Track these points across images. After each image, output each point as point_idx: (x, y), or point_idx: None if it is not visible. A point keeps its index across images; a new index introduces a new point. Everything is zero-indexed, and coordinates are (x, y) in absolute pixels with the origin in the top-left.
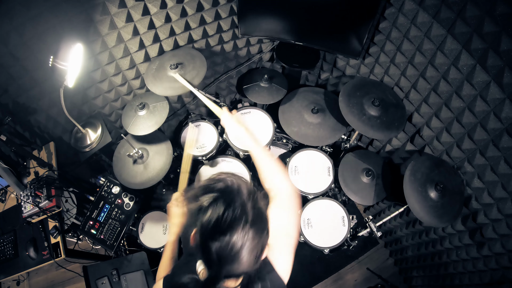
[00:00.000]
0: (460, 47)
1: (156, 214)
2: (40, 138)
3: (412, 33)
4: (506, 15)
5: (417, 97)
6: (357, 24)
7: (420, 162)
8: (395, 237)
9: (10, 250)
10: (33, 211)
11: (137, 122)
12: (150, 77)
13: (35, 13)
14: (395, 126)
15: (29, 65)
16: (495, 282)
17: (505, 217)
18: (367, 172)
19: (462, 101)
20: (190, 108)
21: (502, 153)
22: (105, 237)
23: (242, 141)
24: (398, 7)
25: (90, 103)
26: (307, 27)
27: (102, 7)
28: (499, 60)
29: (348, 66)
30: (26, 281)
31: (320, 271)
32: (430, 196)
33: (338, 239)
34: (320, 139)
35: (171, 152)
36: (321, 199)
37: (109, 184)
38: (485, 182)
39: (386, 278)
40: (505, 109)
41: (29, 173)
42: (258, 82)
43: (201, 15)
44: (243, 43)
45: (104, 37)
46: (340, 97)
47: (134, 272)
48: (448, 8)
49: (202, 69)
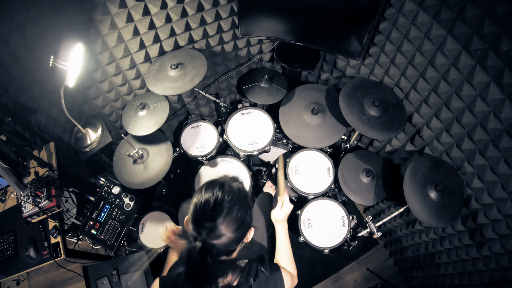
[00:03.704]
0: (460, 48)
1: (156, 214)
2: (40, 138)
3: (412, 33)
4: (506, 16)
5: (417, 97)
6: (357, 25)
7: (420, 163)
8: (395, 237)
9: (10, 250)
10: (33, 211)
11: (137, 122)
12: (150, 78)
13: (35, 13)
14: (395, 127)
15: (29, 65)
16: (495, 282)
17: (505, 217)
18: (367, 173)
19: (462, 101)
20: (190, 108)
21: (502, 153)
22: (105, 237)
23: (285, 223)
24: (398, 8)
25: (90, 103)
26: (307, 27)
27: (103, 7)
28: (499, 61)
29: (348, 67)
30: (26, 281)
31: (320, 271)
32: (430, 197)
33: (338, 239)
34: (320, 141)
35: (171, 152)
36: (321, 199)
37: (109, 184)
38: (485, 183)
39: (386, 278)
40: (505, 110)
41: (29, 173)
42: (258, 83)
43: (201, 16)
44: (244, 44)
45: (104, 37)
46: (340, 97)
47: (134, 272)
48: (448, 9)
49: (203, 69)
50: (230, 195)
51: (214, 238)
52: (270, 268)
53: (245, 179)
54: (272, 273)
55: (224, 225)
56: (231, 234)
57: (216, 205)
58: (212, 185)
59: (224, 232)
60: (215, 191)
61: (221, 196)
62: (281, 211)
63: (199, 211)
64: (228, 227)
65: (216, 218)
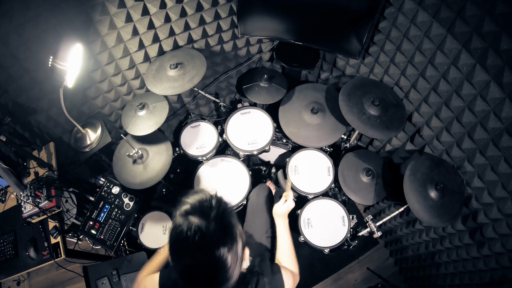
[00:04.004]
0: (460, 47)
1: (156, 214)
2: (40, 138)
3: (412, 32)
4: (506, 15)
5: (417, 96)
6: (357, 24)
7: (420, 162)
8: (395, 236)
9: (10, 250)
10: (33, 211)
11: (137, 122)
12: (150, 77)
13: (34, 13)
14: (395, 126)
15: (29, 66)
16: (495, 281)
17: (505, 216)
18: (367, 172)
19: (462, 100)
20: (190, 108)
21: (502, 152)
22: (105, 237)
23: (285, 218)
24: (397, 7)
25: (89, 103)
26: (307, 27)
27: (102, 7)
28: (499, 60)
29: (348, 66)
30: (26, 281)
31: (320, 271)
32: (430, 196)
33: (338, 239)
34: (320, 140)
35: (170, 152)
36: (321, 199)
37: (109, 184)
38: (485, 182)
39: (386, 278)
40: (505, 109)
41: (29, 173)
42: (257, 82)
43: (200, 15)
44: (243, 43)
45: (103, 37)
46: (340, 96)
47: (134, 272)
48: (448, 8)
49: (202, 69)
50: (211, 226)
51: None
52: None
53: (244, 179)
54: (273, 276)
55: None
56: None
57: (196, 243)
58: (188, 213)
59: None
60: (193, 222)
61: (205, 230)
62: (283, 206)
63: (178, 249)
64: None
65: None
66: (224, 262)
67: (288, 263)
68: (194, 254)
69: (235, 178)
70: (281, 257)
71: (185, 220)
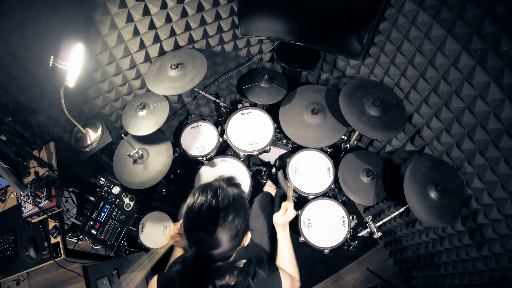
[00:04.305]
0: (460, 48)
1: (156, 214)
2: (40, 138)
3: (412, 33)
4: (506, 16)
5: (417, 97)
6: (357, 25)
7: (420, 163)
8: (395, 237)
9: (10, 250)
10: (33, 211)
11: (137, 122)
12: (150, 78)
13: (35, 13)
14: (395, 127)
15: (29, 65)
16: (495, 282)
17: (505, 217)
18: (367, 173)
19: (462, 101)
20: (190, 108)
21: (502, 153)
22: (105, 238)
23: (285, 227)
24: (398, 8)
25: (90, 103)
26: (307, 27)
27: (103, 7)
28: (499, 61)
29: (348, 67)
30: (26, 281)
31: (320, 271)
32: (430, 197)
33: (338, 239)
34: (320, 140)
35: (171, 152)
36: (321, 199)
37: (109, 184)
38: (485, 183)
39: (386, 278)
40: (505, 110)
41: (29, 173)
42: (258, 83)
43: (201, 16)
44: (244, 44)
45: (104, 37)
46: (340, 97)
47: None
48: (448, 9)
49: (203, 69)
50: (225, 202)
51: (208, 249)
52: (268, 268)
53: (245, 179)
54: (270, 273)
55: (219, 236)
56: (227, 243)
57: (209, 215)
58: (205, 190)
59: (219, 242)
60: (208, 198)
61: (215, 204)
62: (283, 216)
63: (192, 219)
64: (223, 237)
65: (210, 228)
66: (230, 225)
67: (288, 270)
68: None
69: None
70: (281, 264)
71: (201, 195)
